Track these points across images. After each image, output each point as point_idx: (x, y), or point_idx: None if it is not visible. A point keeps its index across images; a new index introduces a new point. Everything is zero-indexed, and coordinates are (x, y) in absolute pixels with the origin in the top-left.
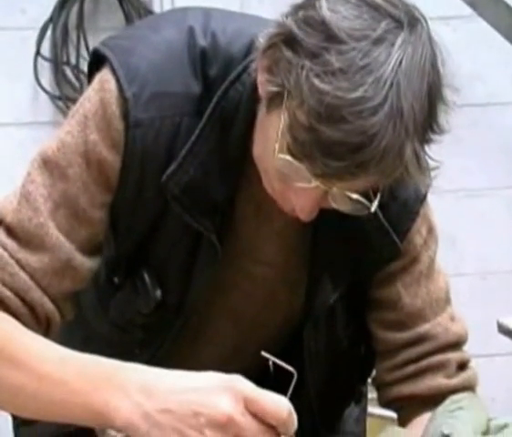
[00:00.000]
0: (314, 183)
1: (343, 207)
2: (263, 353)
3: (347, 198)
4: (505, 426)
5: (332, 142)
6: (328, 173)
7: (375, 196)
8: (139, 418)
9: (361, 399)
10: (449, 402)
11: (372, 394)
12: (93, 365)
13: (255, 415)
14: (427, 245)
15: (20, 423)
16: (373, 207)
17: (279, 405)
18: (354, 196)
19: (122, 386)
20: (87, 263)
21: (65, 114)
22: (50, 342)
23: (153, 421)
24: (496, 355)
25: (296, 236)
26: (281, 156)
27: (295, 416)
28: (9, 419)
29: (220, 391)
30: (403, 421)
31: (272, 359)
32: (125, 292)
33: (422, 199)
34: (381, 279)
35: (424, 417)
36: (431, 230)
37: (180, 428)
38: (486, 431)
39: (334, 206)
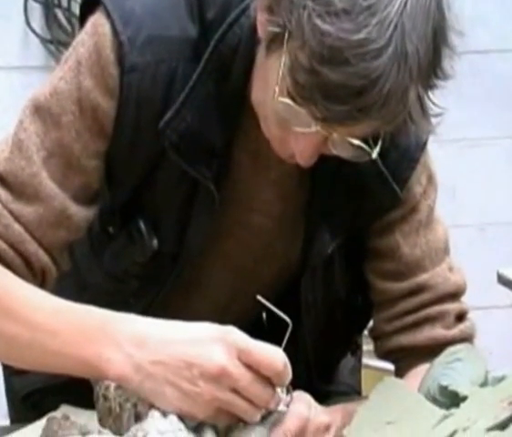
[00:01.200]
0: (315, 128)
1: (344, 153)
2: (259, 298)
3: (348, 143)
4: (502, 378)
5: (334, 85)
6: (329, 117)
7: (376, 142)
8: (131, 370)
9: (357, 350)
10: (447, 354)
11: (367, 346)
12: (86, 316)
13: (249, 366)
14: (427, 194)
15: (12, 373)
16: (375, 153)
17: (274, 356)
18: (355, 142)
19: (114, 337)
20: (82, 212)
21: (56, 58)
22: (44, 293)
23: (145, 373)
24: (493, 307)
25: (294, 186)
26: (282, 99)
27: (290, 367)
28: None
29: (212, 342)
30: (400, 373)
31: (268, 305)
32: (120, 242)
33: (422, 147)
34: (379, 228)
35: (422, 368)
36: (431, 179)
37: (173, 380)
38: (484, 383)
39: (334, 152)
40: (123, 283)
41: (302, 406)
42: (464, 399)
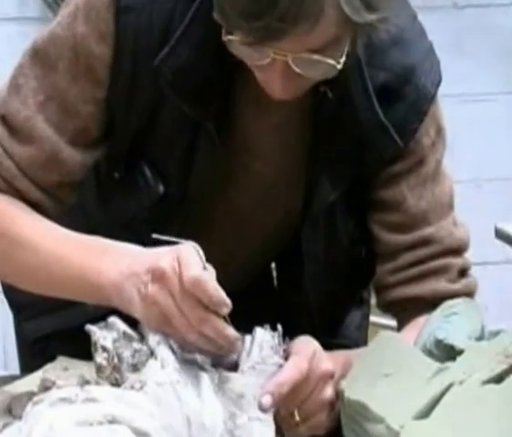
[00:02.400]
0: (269, 58)
1: (311, 73)
2: (155, 235)
3: (309, 61)
4: (498, 333)
5: (246, 2)
6: (258, 37)
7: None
8: (118, 284)
9: (362, 304)
10: (444, 308)
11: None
12: (90, 243)
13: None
14: (435, 147)
15: (22, 319)
16: (340, 64)
17: (197, 276)
18: (315, 57)
19: (115, 258)
20: (77, 157)
21: (53, 9)
22: (50, 222)
23: (122, 284)
24: (489, 263)
25: (295, 133)
26: (224, 37)
27: (223, 295)
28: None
29: (167, 252)
30: (400, 325)
31: (166, 238)
32: (126, 187)
33: (431, 99)
34: (385, 179)
35: (422, 319)
36: (440, 132)
37: (137, 285)
38: (480, 337)
39: (304, 74)
40: (131, 230)
41: (302, 359)
42: (460, 352)
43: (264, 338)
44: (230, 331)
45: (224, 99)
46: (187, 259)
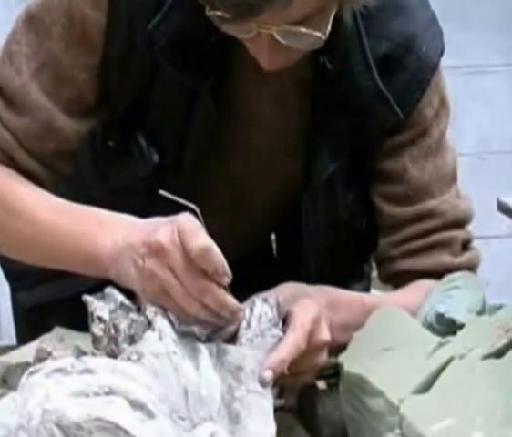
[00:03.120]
0: (253, 32)
1: (298, 44)
2: (161, 192)
3: (294, 33)
4: (500, 307)
5: None
6: (237, 13)
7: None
8: (113, 255)
9: (362, 277)
10: (445, 281)
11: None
12: (85, 213)
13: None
14: (439, 118)
15: (18, 288)
16: (325, 35)
17: (204, 246)
18: (299, 29)
19: (109, 229)
20: (71, 125)
21: None
22: (46, 193)
23: (119, 255)
24: (492, 237)
25: (294, 103)
26: (208, 13)
27: (224, 262)
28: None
29: (165, 223)
30: None
31: (171, 197)
32: (121, 157)
33: (433, 68)
34: (387, 150)
35: (424, 283)
36: (443, 103)
37: (134, 258)
38: (482, 311)
39: (291, 45)
40: (127, 200)
41: (301, 335)
42: (461, 327)
43: (263, 310)
44: (232, 302)
45: (221, 68)
46: (190, 229)
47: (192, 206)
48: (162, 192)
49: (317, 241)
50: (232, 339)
